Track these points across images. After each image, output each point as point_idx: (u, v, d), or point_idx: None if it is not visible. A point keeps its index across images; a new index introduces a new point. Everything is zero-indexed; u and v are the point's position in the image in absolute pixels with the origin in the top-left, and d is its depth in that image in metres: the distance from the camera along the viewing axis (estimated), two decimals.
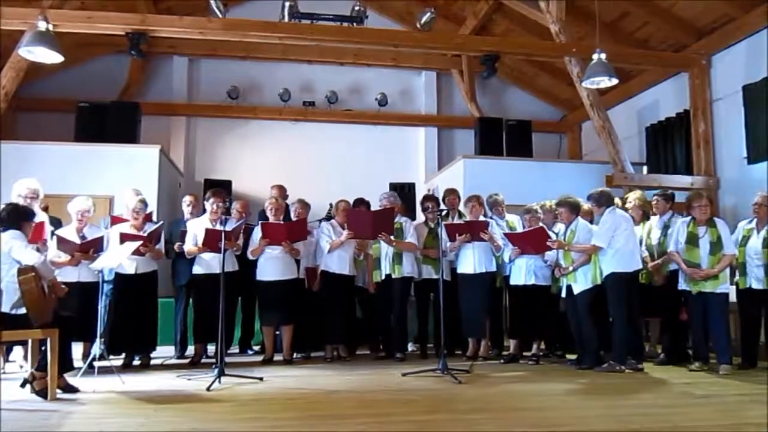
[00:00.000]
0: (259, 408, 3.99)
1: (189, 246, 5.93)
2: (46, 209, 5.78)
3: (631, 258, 5.52)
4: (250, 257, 6.04)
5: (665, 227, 6.01)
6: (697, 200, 5.67)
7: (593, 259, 5.59)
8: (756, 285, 5.59)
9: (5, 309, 4.10)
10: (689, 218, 5.70)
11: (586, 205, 5.96)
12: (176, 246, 6.09)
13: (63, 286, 4.52)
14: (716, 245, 5.47)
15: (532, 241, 5.85)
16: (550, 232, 5.92)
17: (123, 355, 5.78)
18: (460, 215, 6.58)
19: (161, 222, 6.10)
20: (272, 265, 6.01)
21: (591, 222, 5.88)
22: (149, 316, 5.85)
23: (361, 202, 6.67)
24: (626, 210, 6.13)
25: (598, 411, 3.88)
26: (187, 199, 6.57)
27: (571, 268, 5.65)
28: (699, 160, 8.38)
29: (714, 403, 4.17)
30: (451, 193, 6.79)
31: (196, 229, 5.93)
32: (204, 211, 6.15)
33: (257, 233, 6.05)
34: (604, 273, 5.53)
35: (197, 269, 5.98)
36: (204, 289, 5.92)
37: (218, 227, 5.58)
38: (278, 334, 6.31)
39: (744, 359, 5.63)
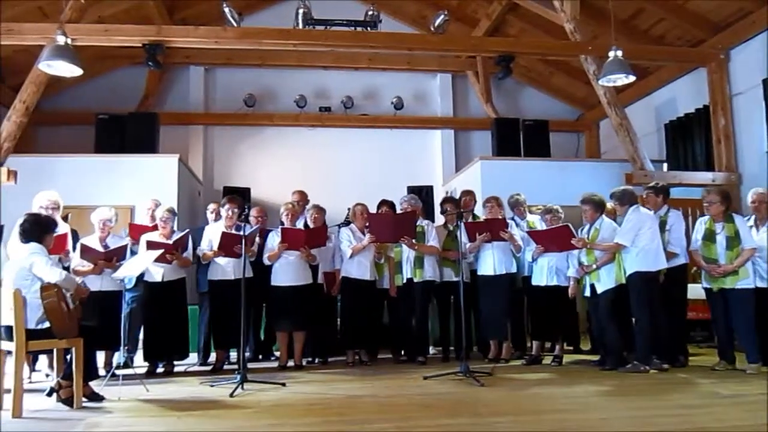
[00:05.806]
0: (282, 413, 4.01)
1: (204, 250, 5.99)
2: (65, 218, 5.84)
3: (655, 257, 5.43)
4: (266, 262, 6.04)
5: (662, 223, 5.72)
6: (704, 196, 5.59)
7: (617, 258, 5.50)
8: (760, 283, 5.41)
9: (31, 325, 4.12)
10: (708, 215, 5.60)
11: (609, 204, 5.90)
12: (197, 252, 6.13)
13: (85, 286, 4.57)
14: (733, 240, 5.37)
15: (555, 239, 5.76)
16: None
17: (146, 363, 5.84)
18: (474, 218, 6.54)
19: (187, 230, 6.15)
20: (287, 271, 5.99)
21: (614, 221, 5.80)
22: (179, 323, 5.89)
23: (384, 203, 6.52)
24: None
25: (621, 413, 3.84)
26: (211, 207, 6.70)
27: (594, 266, 5.58)
28: (720, 156, 8.28)
29: (741, 402, 4.10)
30: (467, 194, 6.75)
31: (212, 235, 5.98)
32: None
33: (273, 238, 6.08)
34: (627, 272, 5.44)
35: (212, 275, 6.02)
36: (219, 295, 5.95)
37: (233, 233, 5.62)
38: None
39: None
